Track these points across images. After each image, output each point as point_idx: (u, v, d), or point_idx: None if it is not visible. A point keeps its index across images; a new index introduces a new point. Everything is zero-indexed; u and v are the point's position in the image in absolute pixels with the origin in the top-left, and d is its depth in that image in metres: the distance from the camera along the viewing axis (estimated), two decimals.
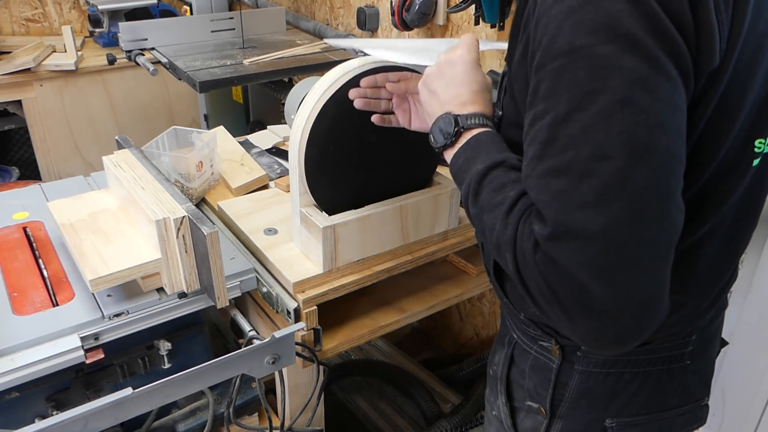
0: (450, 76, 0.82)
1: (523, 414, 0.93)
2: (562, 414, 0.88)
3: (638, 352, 0.81)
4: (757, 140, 0.70)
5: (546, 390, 0.88)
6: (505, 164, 0.72)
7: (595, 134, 0.57)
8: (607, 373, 0.83)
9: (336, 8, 2.35)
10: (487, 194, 0.71)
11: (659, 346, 0.82)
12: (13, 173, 2.89)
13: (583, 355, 0.83)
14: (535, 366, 0.89)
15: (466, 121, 0.77)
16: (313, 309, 1.17)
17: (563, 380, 0.86)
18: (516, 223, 0.65)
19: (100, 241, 1.12)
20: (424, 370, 2.10)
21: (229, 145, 1.63)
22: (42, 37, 2.86)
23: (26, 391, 1.10)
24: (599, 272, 0.58)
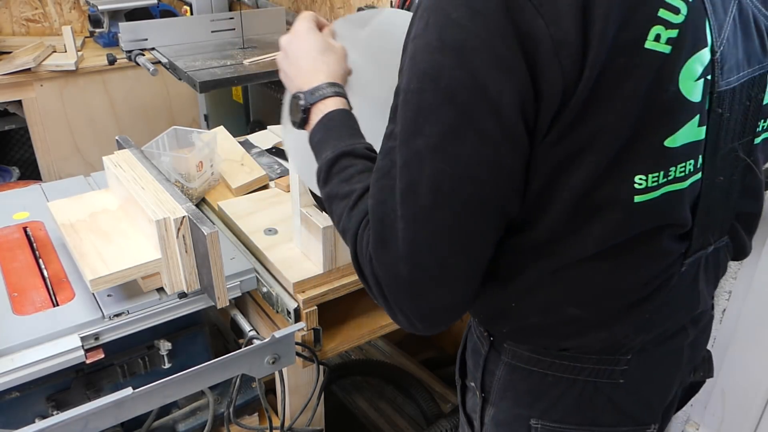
0: (292, 54, 0.88)
1: (471, 393, 0.95)
2: (492, 401, 0.89)
3: (562, 357, 0.81)
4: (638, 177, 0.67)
5: (478, 373, 0.90)
6: (352, 153, 0.78)
7: (411, 170, 0.65)
8: (531, 371, 0.83)
9: (336, 8, 2.35)
10: (336, 185, 0.77)
11: (584, 355, 0.80)
12: (14, 173, 2.89)
13: (509, 348, 0.83)
14: (474, 349, 0.92)
15: (311, 97, 0.83)
16: (313, 309, 1.17)
17: (491, 368, 0.87)
18: (359, 221, 0.73)
19: (100, 241, 1.13)
20: (424, 370, 2.10)
21: (229, 145, 1.63)
22: (42, 37, 2.86)
23: (26, 391, 1.10)
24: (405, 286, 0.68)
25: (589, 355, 0.80)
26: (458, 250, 0.67)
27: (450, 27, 0.61)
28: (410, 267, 0.66)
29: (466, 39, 0.61)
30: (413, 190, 0.65)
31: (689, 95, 0.66)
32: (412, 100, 0.65)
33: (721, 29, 0.68)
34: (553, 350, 0.81)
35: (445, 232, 0.65)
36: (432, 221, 0.65)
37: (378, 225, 0.69)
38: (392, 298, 0.70)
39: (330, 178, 0.79)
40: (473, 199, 0.64)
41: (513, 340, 0.83)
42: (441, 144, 0.63)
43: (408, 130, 0.65)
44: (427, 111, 0.63)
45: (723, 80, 0.70)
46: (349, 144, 0.79)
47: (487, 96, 0.61)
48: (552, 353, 0.81)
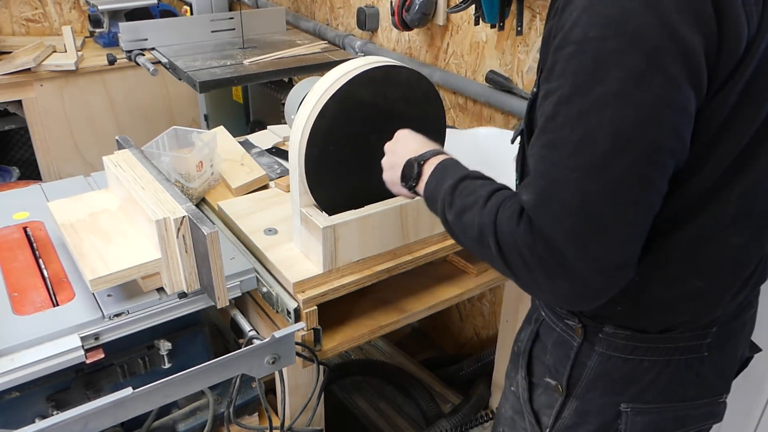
0: (398, 148, 0.97)
1: (541, 390, 0.95)
2: (577, 394, 0.89)
3: (659, 340, 0.82)
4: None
5: (564, 367, 0.90)
6: (470, 177, 0.82)
7: (588, 119, 0.64)
8: (626, 359, 0.84)
9: (336, 8, 2.35)
10: (461, 200, 0.80)
11: (680, 334, 0.82)
12: (14, 173, 2.90)
13: (605, 338, 0.84)
14: (558, 343, 0.91)
15: (422, 157, 0.90)
16: (313, 309, 1.17)
17: (582, 360, 0.88)
18: (494, 210, 0.74)
19: (100, 241, 1.13)
20: (424, 370, 2.10)
21: (229, 145, 1.63)
22: (42, 37, 2.86)
23: (26, 390, 1.10)
24: (574, 239, 0.66)
25: (685, 333, 0.82)
26: (632, 200, 0.65)
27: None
28: (580, 219, 0.65)
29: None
30: (591, 138, 0.64)
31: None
32: (590, 49, 0.63)
33: None
34: (653, 333, 0.82)
35: (622, 181, 0.64)
36: (609, 169, 0.64)
37: (541, 182, 0.68)
38: (554, 260, 0.67)
39: (454, 199, 0.81)
40: (654, 144, 0.64)
41: (620, 320, 0.82)
42: (625, 89, 0.62)
43: (583, 81, 0.64)
44: (608, 58, 0.62)
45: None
46: (466, 172, 0.84)
47: (675, 40, 0.61)
48: (651, 337, 0.82)
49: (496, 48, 1.74)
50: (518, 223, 0.70)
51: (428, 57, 1.98)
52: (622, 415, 0.87)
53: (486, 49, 1.77)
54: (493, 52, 1.75)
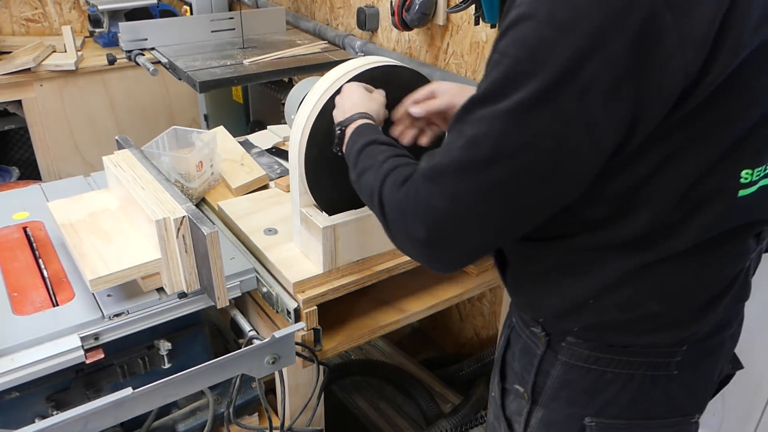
0: (339, 102, 1.05)
1: (512, 396, 0.95)
2: (543, 402, 0.89)
3: (622, 353, 0.81)
4: (744, 171, 0.70)
5: (529, 374, 0.89)
6: (377, 141, 0.90)
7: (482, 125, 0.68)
8: (589, 369, 0.83)
9: (336, 8, 2.35)
10: (363, 162, 0.87)
11: (642, 350, 0.81)
12: (13, 173, 2.89)
13: (568, 347, 0.84)
14: (524, 349, 0.91)
15: (345, 121, 0.98)
16: (313, 309, 1.17)
17: (546, 368, 0.87)
18: (385, 174, 0.80)
19: (100, 241, 1.12)
20: (424, 370, 2.10)
21: (229, 145, 1.63)
22: (42, 37, 2.86)
23: (26, 391, 1.10)
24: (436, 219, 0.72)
25: (649, 349, 0.81)
26: (496, 207, 0.70)
27: (565, 5, 0.62)
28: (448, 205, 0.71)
29: (577, 20, 0.62)
30: (477, 141, 0.68)
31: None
32: (505, 63, 0.67)
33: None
34: (616, 347, 0.81)
35: (491, 188, 0.69)
36: (483, 174, 0.68)
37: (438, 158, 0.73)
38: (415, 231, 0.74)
39: (358, 162, 0.88)
40: (528, 167, 0.67)
41: (580, 337, 0.83)
42: (517, 109, 0.65)
43: (492, 90, 0.68)
44: (516, 77, 0.65)
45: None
46: (373, 137, 0.91)
47: (580, 78, 0.62)
48: (613, 350, 0.81)
49: None
50: (399, 189, 0.76)
51: (428, 57, 1.98)
52: (586, 429, 0.86)
53: (486, 49, 1.77)
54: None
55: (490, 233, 0.73)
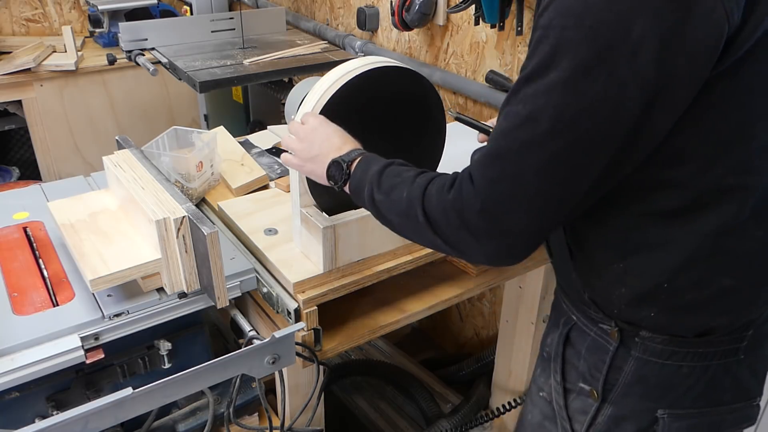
0: (317, 139, 0.99)
1: (574, 395, 0.94)
2: (613, 399, 0.89)
3: (697, 344, 0.82)
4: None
5: (600, 372, 0.89)
6: (395, 163, 0.88)
7: (537, 99, 0.68)
8: (663, 364, 0.84)
9: (336, 8, 2.35)
10: (389, 180, 0.85)
11: (717, 338, 0.82)
12: (13, 173, 2.89)
13: (642, 342, 0.84)
14: (592, 347, 0.90)
15: (348, 156, 0.94)
16: (313, 309, 1.17)
17: (618, 364, 0.87)
18: (424, 185, 0.80)
19: (100, 241, 1.12)
20: (424, 370, 2.10)
21: (229, 145, 1.63)
22: (42, 37, 2.86)
23: (26, 391, 1.10)
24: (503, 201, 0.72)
25: (722, 337, 0.81)
26: (559, 182, 0.71)
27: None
28: (511, 185, 0.71)
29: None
30: (535, 117, 0.69)
31: None
32: (552, 35, 0.67)
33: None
34: (690, 338, 0.81)
35: (553, 161, 0.69)
36: (544, 149, 0.69)
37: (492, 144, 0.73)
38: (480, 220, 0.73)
39: (382, 180, 0.86)
40: (588, 135, 0.68)
41: (657, 327, 0.82)
42: (572, 77, 0.66)
43: (542, 64, 0.68)
44: (565, 46, 0.66)
45: None
46: (389, 161, 0.89)
47: (628, 40, 0.63)
48: (688, 342, 0.81)
49: (496, 48, 1.74)
50: (449, 191, 0.76)
51: (428, 57, 1.98)
52: (659, 421, 0.86)
53: (486, 49, 1.78)
54: (493, 52, 1.75)
55: (555, 210, 0.73)
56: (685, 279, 0.77)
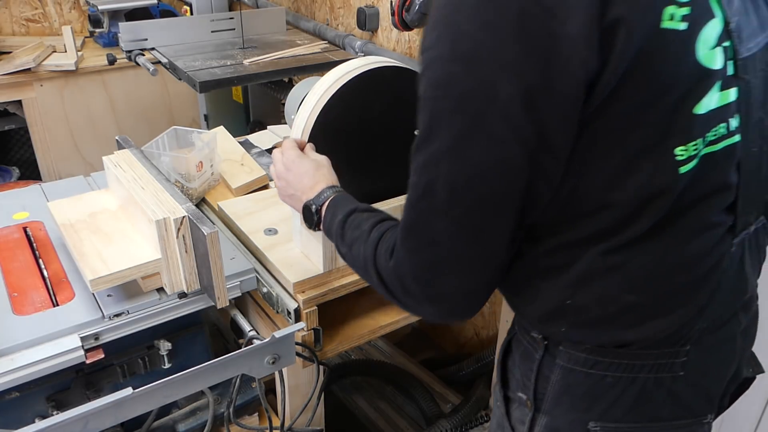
0: (294, 179, 1.04)
1: (516, 405, 0.94)
2: (546, 409, 0.88)
3: (620, 355, 0.80)
4: (677, 149, 0.70)
5: (530, 381, 0.89)
6: (357, 210, 0.92)
7: (429, 170, 0.71)
8: (588, 373, 0.82)
9: (336, 8, 2.35)
10: (350, 233, 0.89)
11: (644, 351, 0.80)
12: (13, 173, 2.89)
13: (565, 350, 0.83)
14: (524, 355, 0.91)
15: (318, 200, 0.98)
16: (313, 309, 1.17)
17: (545, 373, 0.86)
18: (375, 243, 0.83)
19: (100, 241, 1.13)
20: (424, 370, 2.10)
21: (229, 145, 1.63)
22: (42, 37, 2.86)
23: (26, 391, 1.10)
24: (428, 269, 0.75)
25: (649, 350, 0.80)
26: (472, 243, 0.72)
27: (461, 38, 0.66)
28: (431, 255, 0.74)
29: (477, 48, 0.65)
30: (431, 187, 0.71)
31: (709, 63, 0.70)
32: (427, 106, 0.70)
33: (730, 2, 0.73)
34: (611, 348, 0.81)
35: (461, 225, 0.71)
36: (448, 216, 0.71)
37: (405, 218, 0.76)
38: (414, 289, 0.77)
39: (344, 232, 0.90)
40: (485, 197, 0.70)
41: (571, 339, 0.83)
42: (454, 147, 0.68)
43: (425, 134, 0.71)
44: (441, 116, 0.69)
45: (743, 48, 0.74)
46: (353, 207, 0.93)
47: (497, 102, 0.65)
48: (610, 352, 0.81)
49: None
50: (390, 257, 0.79)
51: None
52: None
53: None
54: None
55: (482, 269, 0.75)
56: (587, 297, 0.77)
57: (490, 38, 0.64)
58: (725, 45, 0.72)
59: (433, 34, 0.68)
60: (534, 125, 0.66)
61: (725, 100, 0.74)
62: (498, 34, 0.64)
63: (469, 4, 0.65)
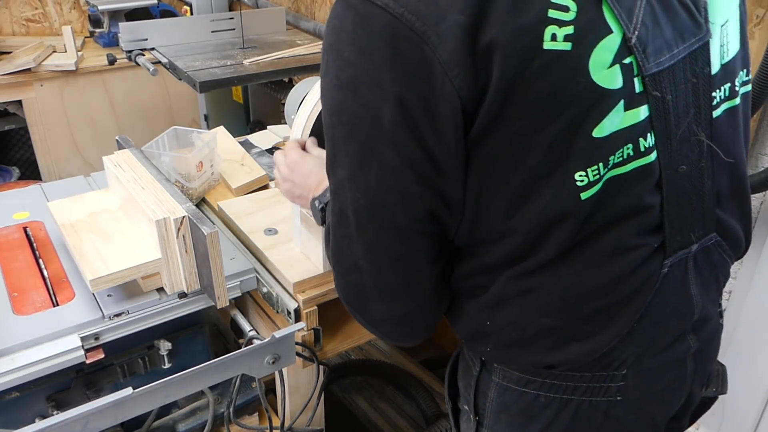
0: (299, 180, 1.04)
1: (464, 416, 0.94)
2: (488, 424, 0.88)
3: (551, 376, 0.79)
4: (578, 173, 0.67)
5: (470, 396, 0.89)
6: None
7: (338, 197, 0.72)
8: (522, 392, 0.81)
9: None
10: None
11: (573, 373, 0.78)
12: (14, 173, 2.89)
13: (500, 368, 0.83)
14: (465, 370, 0.91)
15: (324, 197, 0.97)
16: (313, 309, 1.17)
17: (483, 389, 0.86)
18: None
19: (100, 241, 1.13)
20: (424, 370, 2.10)
21: (229, 145, 1.63)
22: (42, 37, 2.86)
23: (26, 391, 1.10)
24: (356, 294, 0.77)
25: (581, 373, 0.78)
26: (390, 268, 0.73)
27: (343, 65, 0.66)
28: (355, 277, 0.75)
29: (357, 76, 0.65)
30: (343, 214, 0.73)
31: (605, 84, 0.66)
32: (329, 133, 0.71)
33: (631, 15, 0.66)
34: (541, 368, 0.79)
35: (373, 251, 0.72)
36: (361, 241, 0.72)
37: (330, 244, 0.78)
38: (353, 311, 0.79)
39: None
40: (389, 222, 0.70)
41: (498, 360, 0.82)
42: (352, 174, 0.70)
43: (330, 160, 0.72)
44: (338, 143, 0.70)
45: (650, 62, 0.68)
46: None
47: (382, 128, 0.65)
48: (542, 372, 0.79)
49: None
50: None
51: None
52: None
53: None
54: None
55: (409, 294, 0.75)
56: (503, 319, 0.76)
57: (367, 64, 0.64)
58: (626, 62, 0.66)
59: (323, 62, 0.69)
60: (422, 150, 0.66)
61: (633, 119, 0.68)
62: (374, 59, 0.64)
63: (346, 31, 0.65)
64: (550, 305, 0.74)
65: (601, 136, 0.66)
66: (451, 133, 0.65)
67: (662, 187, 0.73)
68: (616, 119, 0.67)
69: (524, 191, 0.68)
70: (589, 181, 0.67)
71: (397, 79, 0.63)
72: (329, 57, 0.68)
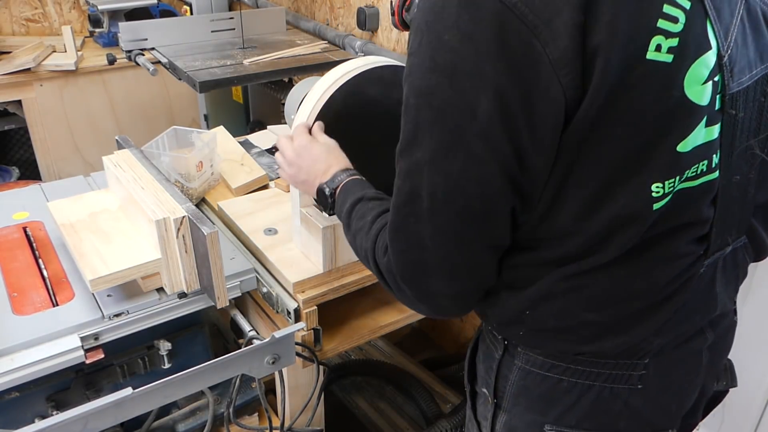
0: (303, 164, 1.02)
1: (482, 399, 0.95)
2: (505, 407, 0.89)
3: (576, 362, 0.80)
4: (654, 185, 0.68)
5: (491, 378, 0.89)
6: (365, 198, 0.90)
7: (413, 177, 0.70)
8: (544, 376, 0.82)
9: (336, 8, 2.35)
10: (355, 223, 0.89)
11: (598, 360, 0.80)
12: (13, 173, 2.89)
13: (523, 352, 0.83)
14: (486, 353, 0.91)
15: (333, 183, 0.96)
16: (313, 309, 1.17)
17: (504, 373, 0.87)
18: (375, 236, 0.83)
19: (100, 241, 1.12)
20: (424, 370, 2.10)
21: (229, 145, 1.63)
22: (42, 37, 2.85)
23: (26, 391, 1.10)
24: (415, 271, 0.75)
25: (605, 360, 0.80)
26: (456, 250, 0.72)
27: (442, 49, 0.64)
28: (418, 255, 0.73)
29: (457, 62, 0.63)
30: (416, 194, 0.70)
31: (697, 99, 0.67)
32: (411, 113, 0.69)
33: (727, 33, 0.69)
34: (568, 354, 0.80)
35: (443, 233, 0.71)
36: (431, 223, 0.71)
37: (391, 222, 0.76)
38: (407, 287, 0.77)
39: (351, 221, 0.90)
40: (465, 209, 0.69)
41: (527, 344, 0.83)
42: (435, 158, 0.68)
43: (408, 141, 0.70)
44: (423, 126, 0.68)
45: (734, 82, 0.70)
46: (360, 194, 0.91)
47: (476, 119, 0.64)
48: (567, 358, 0.80)
49: None
50: (384, 254, 0.79)
51: None
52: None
53: None
54: None
55: (468, 274, 0.75)
56: (546, 311, 0.77)
57: (470, 52, 0.62)
58: (716, 79, 0.68)
59: (416, 40, 0.67)
60: (512, 146, 0.65)
61: (710, 136, 0.71)
62: (478, 48, 0.62)
63: (449, 13, 0.63)
64: (596, 302, 0.76)
65: (685, 151, 0.68)
66: (548, 132, 0.64)
67: (717, 200, 0.75)
68: (699, 135, 0.69)
69: (600, 196, 0.68)
70: (664, 193, 0.69)
71: (500, 72, 0.62)
72: (425, 37, 0.65)
